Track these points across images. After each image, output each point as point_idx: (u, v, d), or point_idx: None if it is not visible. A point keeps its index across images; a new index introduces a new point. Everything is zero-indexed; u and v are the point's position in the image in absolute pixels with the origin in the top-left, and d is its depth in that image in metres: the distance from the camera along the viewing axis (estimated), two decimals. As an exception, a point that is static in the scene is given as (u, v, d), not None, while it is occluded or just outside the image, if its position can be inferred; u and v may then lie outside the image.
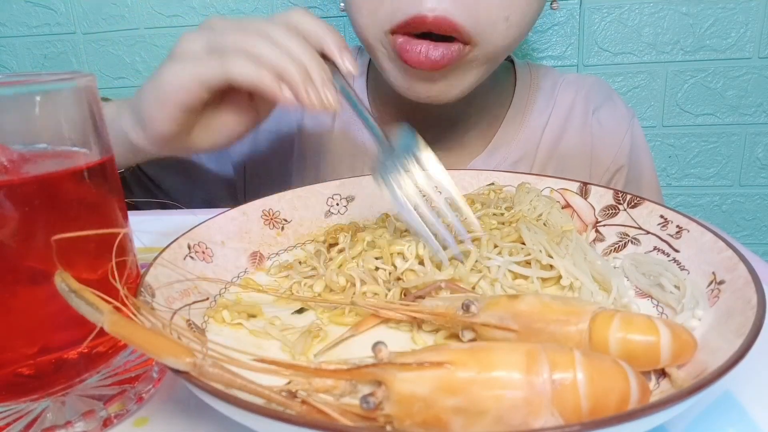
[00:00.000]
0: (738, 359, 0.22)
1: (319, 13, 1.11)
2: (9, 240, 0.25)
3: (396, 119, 0.70)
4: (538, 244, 0.37)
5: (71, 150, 0.28)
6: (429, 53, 0.51)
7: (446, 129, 0.69)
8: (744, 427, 0.26)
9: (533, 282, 0.36)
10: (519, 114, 0.71)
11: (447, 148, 0.70)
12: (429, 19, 0.49)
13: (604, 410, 0.22)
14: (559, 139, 0.71)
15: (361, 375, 0.23)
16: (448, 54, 0.51)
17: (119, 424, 0.28)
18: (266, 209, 0.46)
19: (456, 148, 0.70)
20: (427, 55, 0.51)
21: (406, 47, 0.52)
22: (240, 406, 0.20)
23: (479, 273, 0.36)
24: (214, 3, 1.12)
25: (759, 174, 1.12)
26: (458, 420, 0.22)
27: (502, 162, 0.69)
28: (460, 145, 0.70)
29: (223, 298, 0.38)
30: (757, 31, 1.02)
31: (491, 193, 0.49)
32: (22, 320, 0.26)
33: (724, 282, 0.31)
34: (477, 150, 0.70)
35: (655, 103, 1.09)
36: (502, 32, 0.53)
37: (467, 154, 0.70)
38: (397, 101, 0.66)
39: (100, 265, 0.27)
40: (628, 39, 1.05)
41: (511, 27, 0.53)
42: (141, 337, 0.22)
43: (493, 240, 0.38)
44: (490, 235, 0.39)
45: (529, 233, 0.38)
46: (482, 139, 0.70)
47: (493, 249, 0.38)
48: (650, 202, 0.42)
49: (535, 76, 0.73)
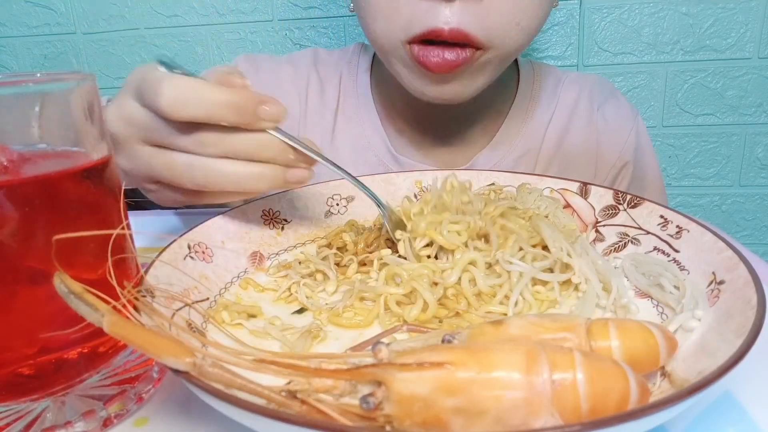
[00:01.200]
0: (738, 359, 0.22)
1: (319, 13, 1.11)
2: (9, 240, 0.25)
3: (400, 114, 0.70)
4: (559, 242, 0.37)
5: (71, 150, 0.28)
6: (445, 55, 0.53)
7: (449, 124, 0.69)
8: (744, 427, 0.26)
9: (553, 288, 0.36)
10: (522, 110, 0.71)
11: (450, 144, 0.70)
12: (445, 32, 0.51)
13: (603, 411, 0.22)
14: (563, 135, 0.71)
15: (361, 375, 0.23)
16: (463, 56, 0.53)
17: (119, 424, 0.28)
18: (266, 209, 0.46)
19: (459, 144, 0.70)
20: (443, 57, 0.53)
21: (424, 54, 0.54)
22: (240, 406, 0.20)
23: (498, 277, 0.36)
24: (214, 3, 1.12)
25: (759, 174, 1.12)
26: (458, 420, 0.22)
27: (505, 157, 0.69)
28: (462, 141, 0.70)
29: (223, 298, 0.38)
30: (757, 31, 1.02)
31: (491, 193, 0.49)
32: (22, 320, 0.26)
33: (724, 282, 0.31)
34: (480, 145, 0.70)
35: (655, 103, 1.09)
36: (515, 37, 0.54)
37: (470, 149, 0.70)
38: (402, 97, 0.66)
39: (100, 265, 0.27)
40: (628, 39, 1.05)
41: (523, 31, 0.54)
42: (141, 338, 0.22)
43: (519, 242, 0.37)
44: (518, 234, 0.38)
45: (549, 231, 0.38)
46: (485, 134, 0.71)
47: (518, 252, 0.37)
48: (650, 202, 0.42)
49: (538, 73, 0.73)
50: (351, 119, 0.72)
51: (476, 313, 0.34)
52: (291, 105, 0.72)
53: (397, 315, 0.35)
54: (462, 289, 0.35)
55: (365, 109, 0.71)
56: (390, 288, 0.36)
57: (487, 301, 0.35)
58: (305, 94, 0.72)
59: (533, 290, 0.36)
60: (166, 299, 0.31)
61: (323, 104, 0.72)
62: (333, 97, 0.72)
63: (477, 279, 0.35)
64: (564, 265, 0.37)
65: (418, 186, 0.52)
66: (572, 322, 0.27)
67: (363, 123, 0.71)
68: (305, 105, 0.72)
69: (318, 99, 0.72)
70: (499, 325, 0.28)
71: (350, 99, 0.72)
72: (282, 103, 0.37)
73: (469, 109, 0.68)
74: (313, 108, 0.72)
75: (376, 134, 0.70)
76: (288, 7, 1.11)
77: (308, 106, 0.72)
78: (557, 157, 0.71)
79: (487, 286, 0.35)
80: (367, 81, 0.73)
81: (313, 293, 0.38)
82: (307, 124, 0.72)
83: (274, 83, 0.72)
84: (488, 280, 0.35)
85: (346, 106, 0.72)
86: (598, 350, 0.26)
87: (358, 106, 0.72)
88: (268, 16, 1.12)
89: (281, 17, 1.12)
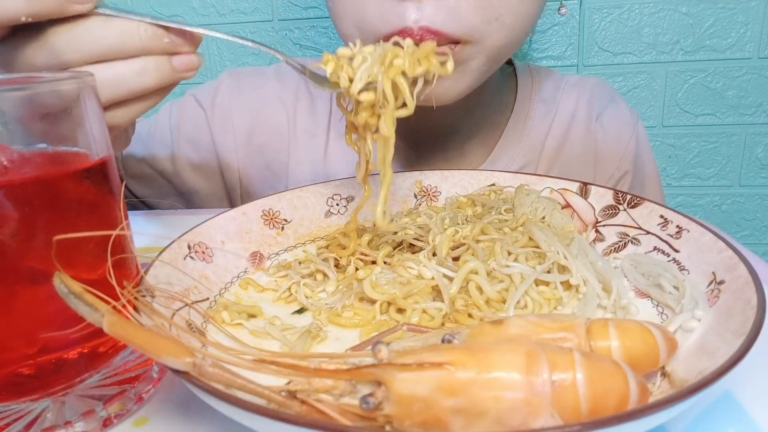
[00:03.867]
0: (738, 359, 0.22)
1: (319, 13, 1.11)
2: (9, 240, 0.25)
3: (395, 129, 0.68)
4: (554, 245, 0.37)
5: (71, 150, 0.28)
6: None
7: (446, 137, 0.67)
8: (744, 427, 0.26)
9: (556, 288, 0.36)
10: (521, 121, 0.69)
11: (448, 158, 0.68)
12: (415, 31, 0.49)
13: (603, 411, 0.22)
14: (562, 145, 0.70)
15: (361, 375, 0.23)
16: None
17: (119, 424, 0.28)
18: (266, 209, 0.46)
19: (456, 158, 0.68)
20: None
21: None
22: (240, 406, 0.20)
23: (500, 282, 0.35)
24: (215, 3, 1.12)
25: (759, 174, 1.12)
26: (458, 420, 0.22)
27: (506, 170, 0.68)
28: (460, 155, 0.68)
29: (223, 298, 0.38)
30: (757, 31, 1.02)
31: (492, 194, 0.49)
32: (22, 320, 0.26)
33: (724, 282, 0.31)
34: (479, 159, 0.69)
35: (655, 103, 1.09)
36: (495, 33, 0.52)
37: (468, 163, 0.68)
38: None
39: (100, 265, 0.27)
40: (628, 39, 1.05)
41: (505, 27, 0.52)
42: (140, 338, 0.22)
43: (506, 246, 0.37)
44: (502, 240, 0.38)
45: (542, 235, 0.38)
46: (484, 147, 0.69)
47: (509, 256, 0.37)
48: (650, 202, 0.42)
49: (536, 80, 0.72)
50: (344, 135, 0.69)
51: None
52: (279, 122, 0.69)
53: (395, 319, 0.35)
54: (473, 298, 0.35)
55: None
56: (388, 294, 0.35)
57: (498, 308, 0.35)
58: (293, 111, 0.70)
59: (538, 290, 0.35)
60: (166, 299, 0.31)
61: (314, 120, 0.69)
62: (324, 112, 0.69)
63: (483, 286, 0.35)
64: (561, 267, 0.37)
65: (419, 186, 0.52)
66: (572, 322, 0.27)
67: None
68: (294, 122, 0.69)
69: (308, 115, 0.70)
70: (499, 324, 0.28)
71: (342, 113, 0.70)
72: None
73: (466, 122, 0.66)
74: (302, 125, 0.69)
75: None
76: (288, 7, 1.11)
77: (297, 123, 0.69)
78: (555, 167, 0.70)
79: (494, 292, 0.35)
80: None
81: (313, 293, 0.38)
82: (297, 141, 0.70)
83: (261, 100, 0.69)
84: (494, 286, 0.35)
85: (338, 121, 0.69)
86: (598, 350, 0.26)
87: None
88: (268, 16, 1.12)
89: (281, 17, 1.12)
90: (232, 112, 0.70)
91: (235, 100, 0.70)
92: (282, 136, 0.70)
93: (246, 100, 0.70)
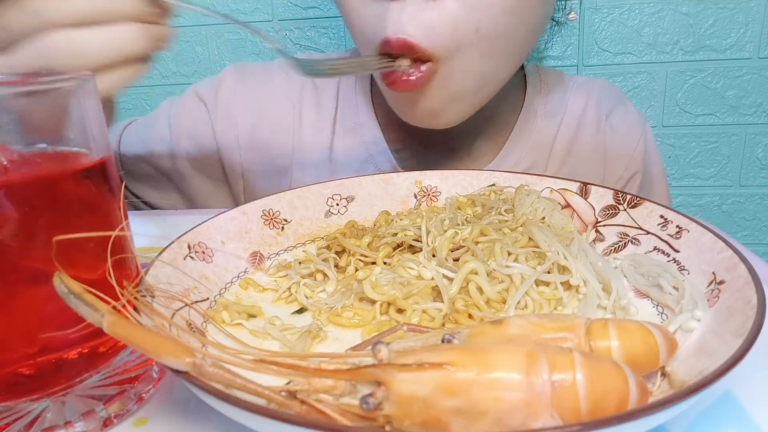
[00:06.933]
0: (738, 359, 0.22)
1: (319, 13, 1.11)
2: (9, 240, 0.25)
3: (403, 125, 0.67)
4: (554, 245, 0.37)
5: (71, 150, 0.28)
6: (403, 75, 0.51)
7: (454, 136, 0.67)
8: (744, 427, 0.26)
9: (557, 288, 0.36)
10: (530, 121, 0.69)
11: (456, 157, 0.68)
12: (393, 43, 0.49)
13: (603, 411, 0.22)
14: (571, 145, 0.69)
15: (361, 375, 0.23)
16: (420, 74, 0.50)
17: (119, 424, 0.28)
18: (266, 209, 0.46)
19: (465, 157, 0.68)
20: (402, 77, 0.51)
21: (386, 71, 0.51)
22: (240, 406, 0.20)
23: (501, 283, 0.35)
24: (215, 3, 1.12)
25: (759, 174, 1.12)
26: (458, 421, 0.22)
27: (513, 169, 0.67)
28: (469, 154, 0.68)
29: (223, 298, 0.38)
30: (757, 31, 1.02)
31: (492, 194, 0.49)
32: (22, 320, 0.26)
33: (724, 282, 0.31)
34: (487, 158, 0.68)
35: (655, 103, 1.09)
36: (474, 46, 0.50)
37: (476, 162, 0.68)
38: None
39: (100, 265, 0.27)
40: (628, 39, 1.05)
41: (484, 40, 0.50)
42: (140, 338, 0.22)
43: (506, 247, 0.37)
44: (502, 241, 0.38)
45: (542, 235, 0.38)
46: (492, 146, 0.68)
47: (509, 257, 0.37)
48: (650, 202, 0.42)
49: (544, 80, 0.71)
50: (350, 130, 0.68)
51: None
52: (284, 117, 0.69)
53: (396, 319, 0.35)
54: (473, 299, 0.35)
55: (365, 119, 0.67)
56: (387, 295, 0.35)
57: (498, 308, 0.35)
58: (299, 105, 0.69)
59: (538, 291, 0.35)
60: (166, 299, 0.31)
61: (319, 114, 0.68)
62: (330, 106, 0.69)
63: (483, 287, 0.35)
64: (561, 268, 0.37)
65: (418, 186, 0.52)
66: (572, 322, 0.27)
67: (363, 134, 0.67)
68: (299, 116, 0.69)
69: (314, 109, 0.69)
70: (499, 324, 0.28)
71: (349, 108, 0.68)
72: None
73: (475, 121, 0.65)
74: (308, 119, 0.69)
75: (378, 146, 0.67)
76: (288, 7, 1.11)
77: (302, 118, 0.69)
78: (564, 167, 0.69)
79: (495, 293, 0.35)
80: (366, 88, 0.68)
81: (313, 293, 0.38)
82: (302, 136, 0.69)
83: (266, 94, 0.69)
84: (494, 286, 0.35)
85: (344, 115, 0.68)
86: (598, 350, 0.26)
87: (358, 115, 0.68)
88: (268, 16, 1.12)
89: (281, 17, 1.12)
90: (236, 107, 0.69)
91: (240, 94, 0.69)
92: (287, 131, 0.69)
93: (250, 94, 0.69)
